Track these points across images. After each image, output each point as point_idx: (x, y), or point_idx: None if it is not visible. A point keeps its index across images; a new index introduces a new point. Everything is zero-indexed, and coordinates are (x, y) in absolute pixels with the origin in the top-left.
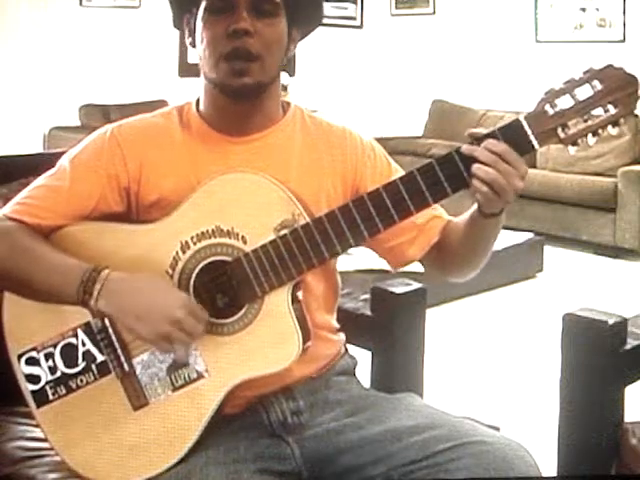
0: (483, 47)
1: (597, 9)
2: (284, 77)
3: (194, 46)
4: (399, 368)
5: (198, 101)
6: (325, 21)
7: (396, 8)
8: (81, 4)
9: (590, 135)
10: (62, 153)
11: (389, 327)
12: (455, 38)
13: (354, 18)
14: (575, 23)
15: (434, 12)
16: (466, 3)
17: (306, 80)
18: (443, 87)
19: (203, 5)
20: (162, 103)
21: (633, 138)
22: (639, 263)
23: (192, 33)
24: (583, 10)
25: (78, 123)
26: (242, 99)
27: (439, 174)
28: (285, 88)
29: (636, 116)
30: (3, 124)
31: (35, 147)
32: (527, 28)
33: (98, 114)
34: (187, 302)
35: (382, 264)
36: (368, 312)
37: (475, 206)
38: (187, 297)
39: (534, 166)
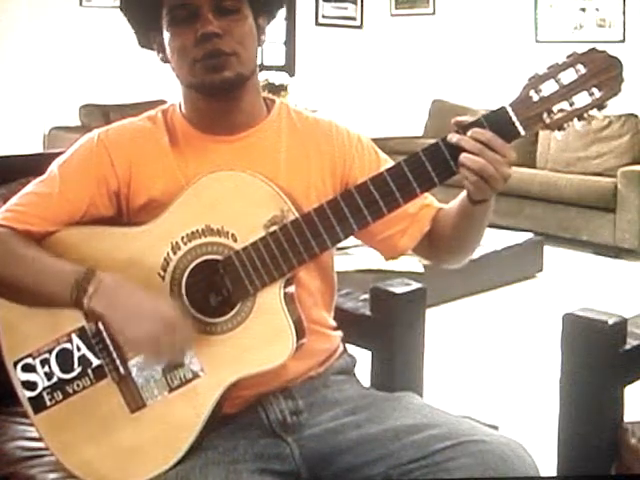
0: (483, 47)
1: (597, 9)
2: (284, 77)
3: (166, 61)
4: (399, 368)
5: (181, 103)
6: (325, 21)
7: (396, 8)
8: (81, 4)
9: (576, 119)
10: (62, 153)
11: (389, 327)
12: (455, 38)
13: (354, 18)
14: (575, 23)
15: (434, 12)
16: (466, 3)
17: (306, 80)
18: (443, 87)
19: (166, 19)
20: (162, 103)
21: (633, 138)
22: (639, 263)
23: (161, 49)
24: (583, 10)
25: (78, 123)
26: (222, 96)
27: (426, 164)
28: (285, 88)
29: (636, 116)
30: (3, 124)
31: (35, 147)
32: (527, 28)
33: (98, 114)
34: (179, 314)
35: (382, 264)
36: (368, 312)
37: (464, 193)
38: (179, 306)
39: (534, 166)
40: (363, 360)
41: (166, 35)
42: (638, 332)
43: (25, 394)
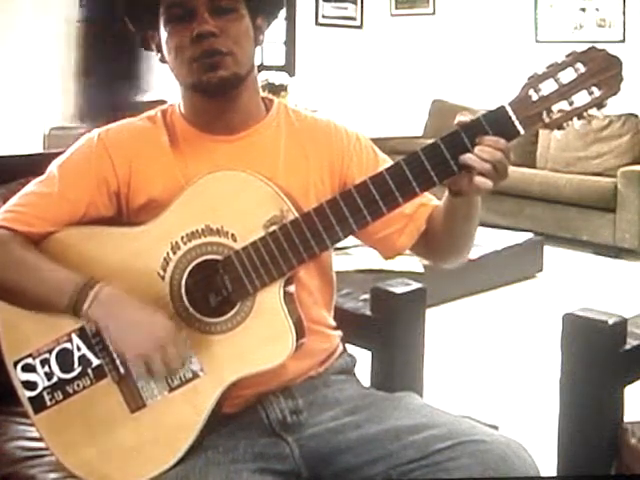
0: (483, 47)
1: (597, 9)
2: (284, 77)
3: (164, 61)
4: (399, 368)
5: (180, 103)
6: (325, 21)
7: (396, 8)
8: (81, 4)
9: (576, 118)
10: (62, 153)
11: (389, 327)
12: (455, 38)
13: (354, 18)
14: (575, 23)
15: (434, 12)
16: (466, 3)
17: (306, 80)
18: (443, 87)
19: (163, 17)
20: (162, 103)
21: (633, 138)
22: (639, 263)
23: (159, 49)
24: (583, 10)
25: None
26: (220, 94)
27: (425, 163)
28: (285, 88)
29: (636, 116)
30: (3, 124)
31: (35, 147)
32: (527, 28)
33: None
34: (174, 331)
35: (382, 264)
36: (368, 312)
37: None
38: (175, 326)
39: (534, 166)
40: (363, 360)
41: (163, 34)
42: (638, 332)
43: (25, 394)
